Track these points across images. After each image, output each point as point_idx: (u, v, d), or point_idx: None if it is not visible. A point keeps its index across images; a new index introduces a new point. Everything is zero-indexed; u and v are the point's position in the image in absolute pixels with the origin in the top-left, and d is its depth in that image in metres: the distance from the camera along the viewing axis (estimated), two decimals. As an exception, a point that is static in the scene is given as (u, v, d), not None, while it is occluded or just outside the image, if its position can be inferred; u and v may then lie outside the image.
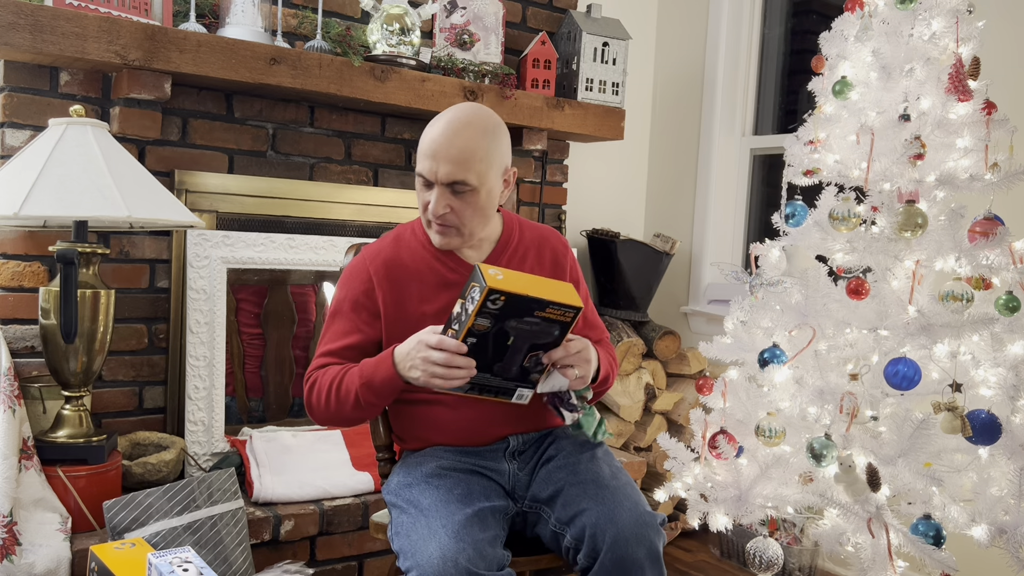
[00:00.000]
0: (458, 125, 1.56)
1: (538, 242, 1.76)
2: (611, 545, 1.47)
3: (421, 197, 1.61)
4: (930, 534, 1.74)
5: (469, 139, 1.56)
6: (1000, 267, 1.86)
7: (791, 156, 2.17)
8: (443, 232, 1.61)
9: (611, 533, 1.48)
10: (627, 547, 1.47)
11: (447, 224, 1.60)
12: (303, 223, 2.57)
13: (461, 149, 1.55)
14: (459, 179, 1.55)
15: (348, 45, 2.41)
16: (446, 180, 1.55)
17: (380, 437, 1.79)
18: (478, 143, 1.56)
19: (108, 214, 1.81)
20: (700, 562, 2.82)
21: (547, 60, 2.84)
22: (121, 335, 2.28)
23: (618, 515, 1.50)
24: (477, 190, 1.57)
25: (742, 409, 2.08)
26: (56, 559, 1.81)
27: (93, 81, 2.21)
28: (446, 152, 1.54)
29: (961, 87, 1.90)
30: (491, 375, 1.51)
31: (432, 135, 1.57)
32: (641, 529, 1.49)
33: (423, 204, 1.61)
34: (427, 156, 1.56)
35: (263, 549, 2.12)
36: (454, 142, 1.55)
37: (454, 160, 1.54)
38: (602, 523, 1.50)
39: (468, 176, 1.56)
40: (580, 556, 1.51)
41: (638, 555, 1.47)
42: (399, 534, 1.53)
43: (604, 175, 3.42)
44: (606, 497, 1.53)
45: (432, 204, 1.58)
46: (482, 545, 1.44)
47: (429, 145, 1.56)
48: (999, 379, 1.84)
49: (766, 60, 3.35)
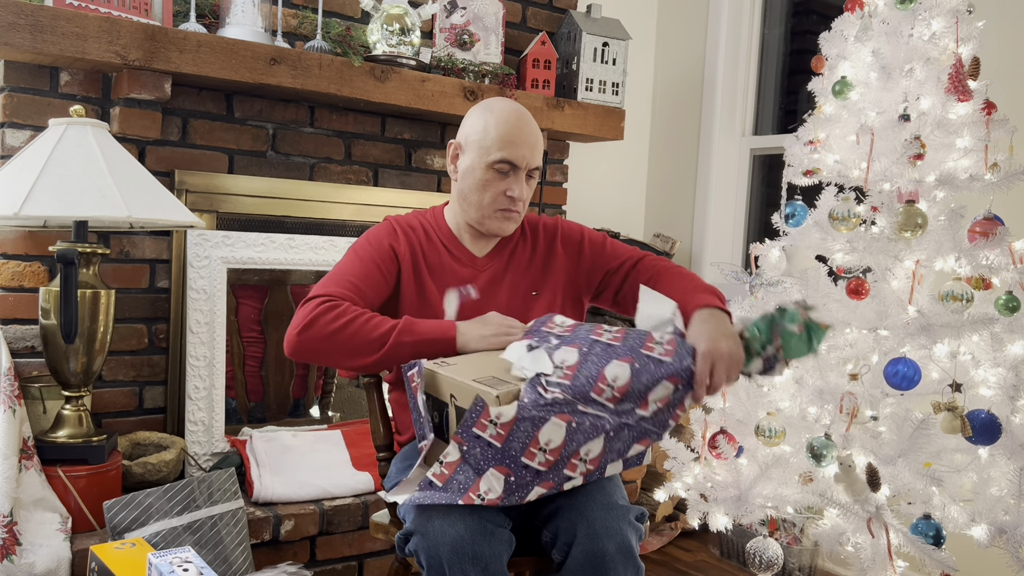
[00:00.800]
0: (526, 113, 1.68)
1: (534, 232, 1.79)
2: (581, 539, 1.45)
3: (494, 186, 1.65)
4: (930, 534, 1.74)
5: (536, 127, 1.69)
6: (1000, 267, 1.86)
7: (791, 156, 2.17)
8: (512, 217, 1.69)
9: (582, 527, 1.46)
10: (597, 541, 1.45)
11: (518, 210, 1.69)
12: (303, 223, 2.57)
13: (537, 136, 1.67)
14: (537, 164, 1.68)
15: (348, 45, 2.41)
16: (532, 166, 1.67)
17: (380, 437, 1.79)
18: (540, 131, 1.70)
19: (108, 214, 1.81)
20: (700, 562, 2.82)
21: (547, 60, 2.84)
22: (121, 335, 2.28)
23: (588, 508, 1.48)
24: (538, 176, 1.70)
25: (742, 409, 2.08)
26: (56, 559, 1.81)
27: (93, 81, 2.21)
28: (530, 139, 1.65)
29: (961, 87, 1.90)
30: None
31: (512, 124, 1.64)
32: (612, 522, 1.46)
33: (496, 193, 1.66)
34: (513, 144, 1.63)
35: (263, 549, 2.12)
36: (532, 130, 1.67)
37: (535, 146, 1.66)
38: (573, 516, 1.48)
39: (541, 161, 1.69)
40: (554, 551, 1.50)
41: (608, 549, 1.44)
42: (407, 506, 1.51)
43: (604, 175, 3.42)
44: (579, 491, 1.52)
45: (518, 190, 1.65)
46: (484, 510, 1.45)
47: (515, 133, 1.64)
48: (999, 379, 1.84)
49: (766, 60, 3.35)
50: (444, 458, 1.38)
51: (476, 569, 1.37)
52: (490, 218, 1.68)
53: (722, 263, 2.26)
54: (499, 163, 1.63)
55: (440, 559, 1.37)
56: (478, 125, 1.66)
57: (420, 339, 1.52)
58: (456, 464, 1.38)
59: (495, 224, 1.68)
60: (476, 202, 1.66)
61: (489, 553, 1.39)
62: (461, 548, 1.37)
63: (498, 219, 1.68)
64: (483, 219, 1.68)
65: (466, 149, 1.68)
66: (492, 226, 1.69)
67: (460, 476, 1.38)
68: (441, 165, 2.82)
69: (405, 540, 1.46)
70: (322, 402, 2.72)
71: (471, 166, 1.66)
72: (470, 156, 1.66)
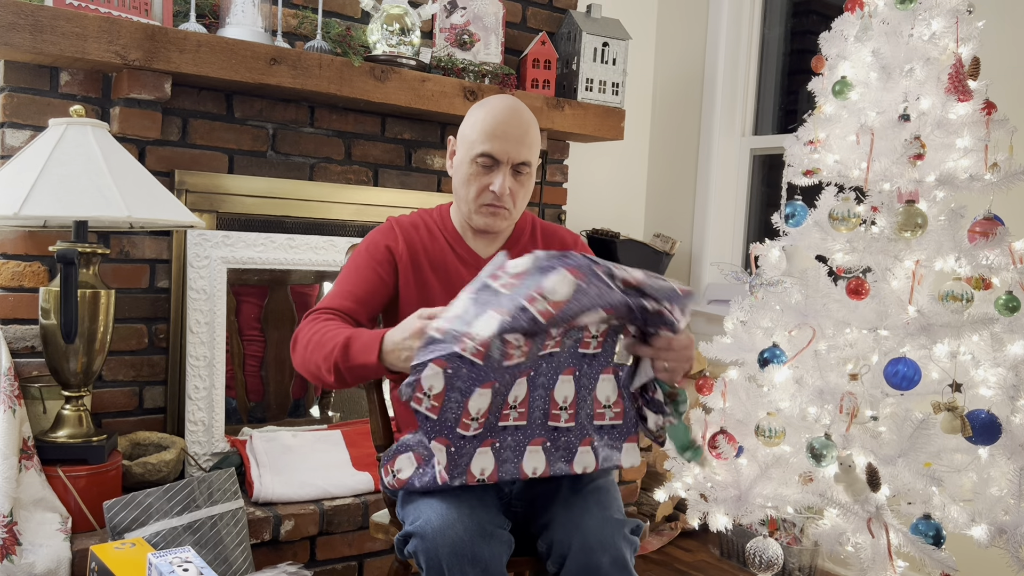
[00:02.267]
0: (518, 108, 1.63)
1: (547, 241, 1.79)
2: (575, 552, 1.44)
3: (477, 181, 1.63)
4: (930, 534, 1.74)
5: (530, 122, 1.65)
6: (1000, 267, 1.86)
7: (791, 156, 2.17)
8: (498, 214, 1.65)
9: (576, 540, 1.45)
10: (591, 554, 1.43)
11: (504, 206, 1.64)
12: (303, 223, 2.57)
13: (526, 131, 1.63)
14: (525, 159, 1.63)
15: (348, 45, 2.41)
16: (516, 160, 1.61)
17: (380, 437, 1.79)
18: (533, 126, 1.66)
19: (108, 214, 1.81)
20: (700, 562, 2.82)
21: (547, 60, 2.84)
22: (121, 335, 2.28)
23: (584, 521, 1.47)
24: (532, 172, 1.66)
25: (742, 409, 2.08)
26: (56, 559, 1.81)
27: (93, 81, 2.21)
28: (515, 133, 1.61)
29: (961, 87, 1.90)
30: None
31: (497, 117, 1.61)
32: (606, 536, 1.45)
33: (480, 187, 1.63)
34: (496, 137, 1.60)
35: (263, 549, 2.12)
36: (520, 124, 1.62)
37: (521, 141, 1.61)
38: (568, 529, 1.47)
39: (531, 157, 1.64)
40: (548, 562, 1.49)
41: (602, 562, 1.43)
42: (402, 502, 1.54)
43: (604, 175, 3.42)
44: (575, 503, 1.51)
45: (499, 184, 1.61)
46: (486, 498, 1.48)
47: (498, 127, 1.60)
48: (999, 379, 1.84)
49: (766, 60, 3.35)
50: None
51: (475, 570, 1.37)
52: (476, 213, 1.66)
53: (722, 263, 2.26)
54: (480, 156, 1.61)
55: (440, 561, 1.37)
56: (470, 120, 1.66)
57: (352, 364, 1.44)
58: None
59: (481, 220, 1.66)
60: (464, 197, 1.66)
61: (488, 554, 1.39)
62: (460, 550, 1.37)
63: (483, 215, 1.66)
64: (470, 214, 1.67)
65: (459, 144, 1.68)
66: (479, 222, 1.67)
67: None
68: (441, 165, 2.82)
69: (404, 542, 1.46)
70: (322, 402, 2.72)
71: (460, 161, 1.67)
72: (460, 151, 1.67)
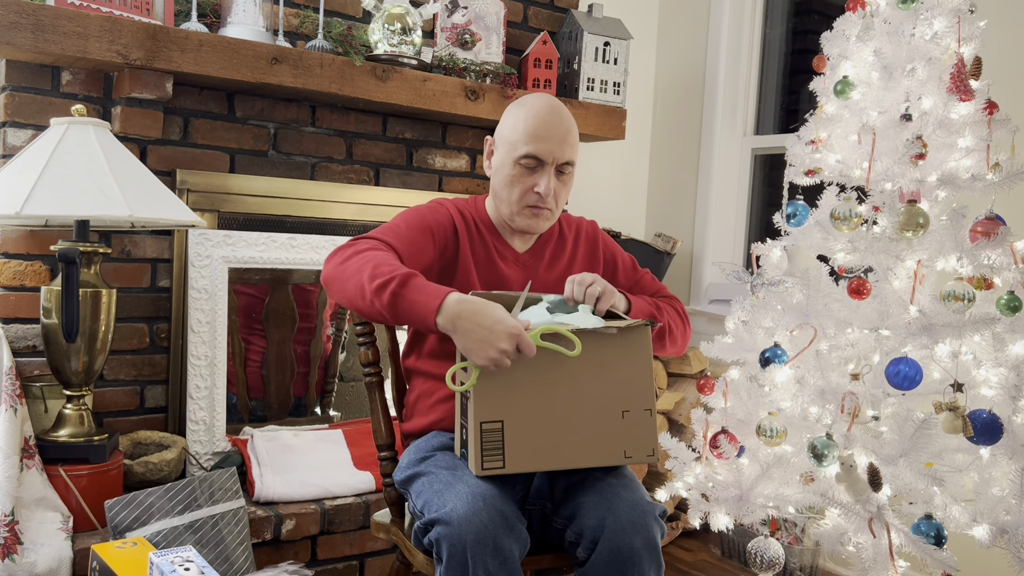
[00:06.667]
0: (558, 107, 1.64)
1: (575, 233, 1.81)
2: (608, 535, 1.46)
3: (521, 182, 1.64)
4: (931, 534, 1.73)
5: (571, 121, 1.66)
6: (1001, 267, 1.86)
7: (792, 156, 2.16)
8: (541, 215, 1.67)
9: (609, 522, 1.47)
10: (624, 536, 1.46)
11: (547, 207, 1.65)
12: (304, 223, 2.57)
13: (568, 130, 1.64)
14: (569, 159, 1.64)
15: (349, 45, 2.41)
16: (560, 160, 1.62)
17: (382, 436, 1.79)
18: (574, 124, 1.67)
19: (110, 213, 1.82)
20: (701, 562, 2.82)
21: (548, 60, 2.84)
22: (122, 334, 2.28)
23: (616, 504, 1.50)
24: (573, 172, 1.67)
25: (743, 409, 2.07)
26: (58, 558, 1.81)
27: (95, 80, 2.21)
28: (558, 133, 1.61)
29: (963, 87, 1.90)
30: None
31: (539, 117, 1.62)
32: (638, 518, 1.48)
33: (524, 189, 1.64)
34: (540, 138, 1.61)
35: (264, 548, 2.13)
36: (562, 123, 1.63)
37: (564, 140, 1.62)
38: (600, 512, 1.49)
39: (574, 156, 1.65)
40: (579, 549, 1.51)
41: (635, 544, 1.46)
42: (421, 493, 1.51)
43: (605, 175, 3.42)
44: (604, 488, 1.53)
45: (544, 186, 1.62)
46: (505, 492, 1.48)
47: (540, 127, 1.61)
48: (1000, 379, 1.84)
49: (767, 60, 3.35)
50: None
51: (496, 562, 1.38)
52: (519, 214, 1.67)
53: (723, 263, 2.26)
54: (524, 158, 1.62)
55: (464, 548, 1.37)
56: (509, 120, 1.66)
57: (412, 298, 1.40)
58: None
59: (524, 221, 1.68)
60: (506, 198, 1.67)
61: (509, 547, 1.40)
62: (485, 539, 1.38)
63: (527, 216, 1.67)
64: (513, 216, 1.68)
65: (498, 145, 1.69)
66: (522, 223, 1.68)
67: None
68: (442, 164, 2.82)
69: (424, 531, 1.46)
70: (323, 401, 2.73)
71: (501, 162, 1.67)
72: (500, 152, 1.67)
